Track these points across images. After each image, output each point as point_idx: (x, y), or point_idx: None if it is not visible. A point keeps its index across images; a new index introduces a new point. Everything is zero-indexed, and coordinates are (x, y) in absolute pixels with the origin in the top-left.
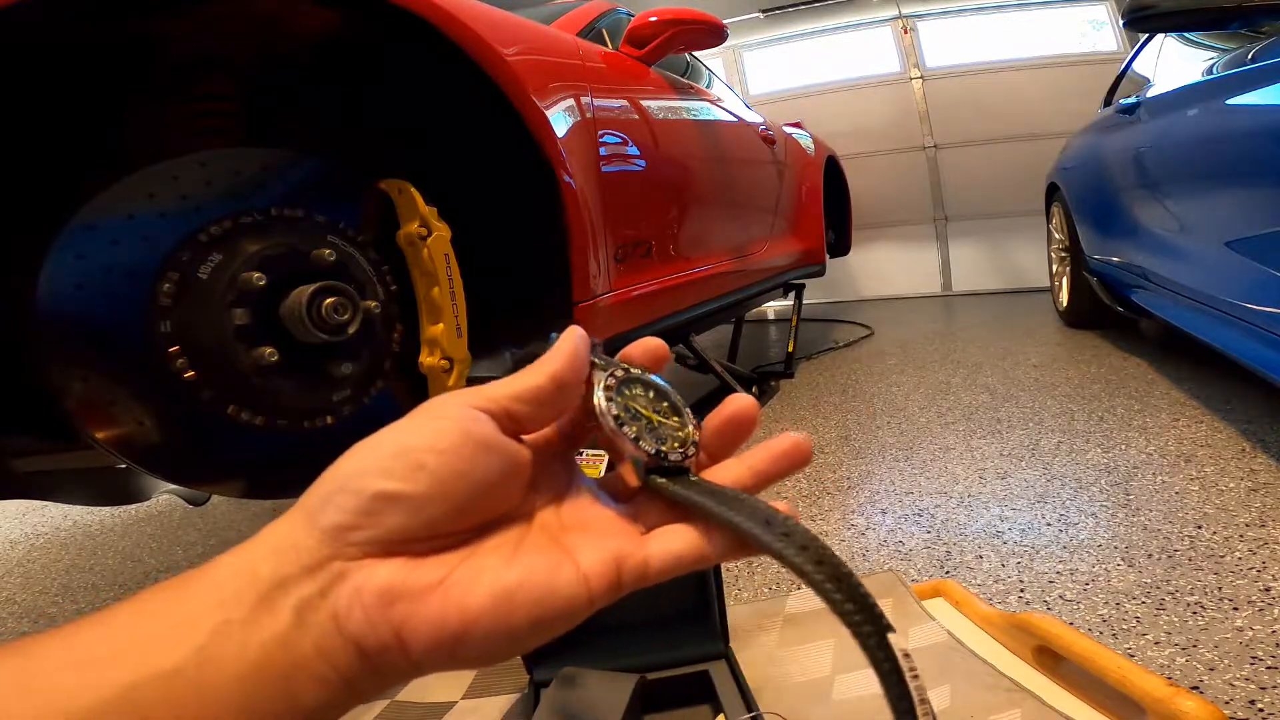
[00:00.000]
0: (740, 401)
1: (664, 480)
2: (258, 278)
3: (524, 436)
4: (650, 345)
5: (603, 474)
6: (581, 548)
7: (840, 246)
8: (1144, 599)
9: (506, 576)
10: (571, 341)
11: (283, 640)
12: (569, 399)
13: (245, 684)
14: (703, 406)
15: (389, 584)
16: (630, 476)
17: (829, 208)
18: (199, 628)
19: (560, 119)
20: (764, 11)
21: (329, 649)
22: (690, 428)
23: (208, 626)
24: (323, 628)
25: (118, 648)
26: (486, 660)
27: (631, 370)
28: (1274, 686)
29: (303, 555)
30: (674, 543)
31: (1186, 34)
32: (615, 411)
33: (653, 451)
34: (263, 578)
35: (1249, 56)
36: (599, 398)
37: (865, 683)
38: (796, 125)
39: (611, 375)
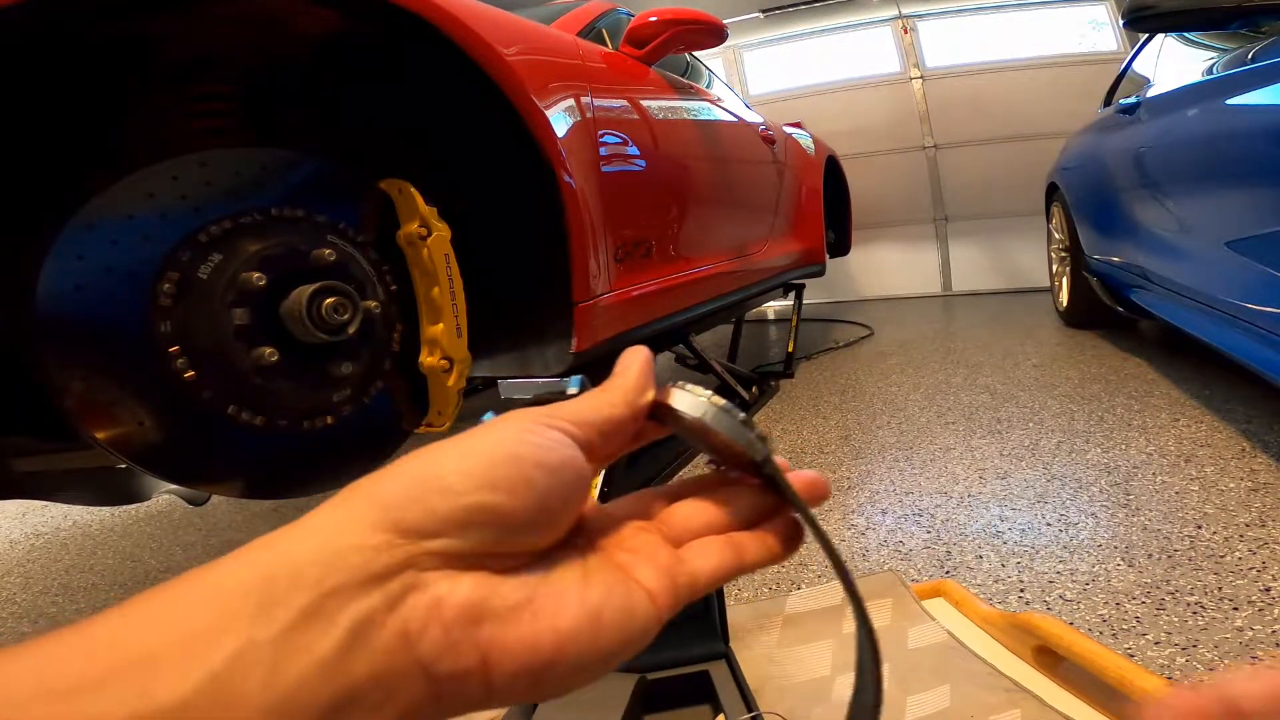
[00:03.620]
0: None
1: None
2: (258, 278)
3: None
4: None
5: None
6: (634, 566)
7: (840, 246)
8: (1144, 599)
9: (591, 596)
10: (645, 371)
11: (328, 665)
12: (635, 431)
13: None
14: None
15: (475, 600)
16: (747, 469)
17: (829, 208)
18: (215, 648)
19: (560, 119)
20: (764, 11)
21: (389, 674)
22: (751, 422)
23: (228, 647)
24: (386, 648)
25: (105, 671)
26: (566, 689)
27: (684, 384)
28: None
29: (367, 559)
30: (713, 557)
31: (1186, 34)
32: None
33: (765, 451)
34: (308, 584)
35: (1249, 56)
36: (696, 407)
37: None
38: (796, 125)
39: (678, 387)
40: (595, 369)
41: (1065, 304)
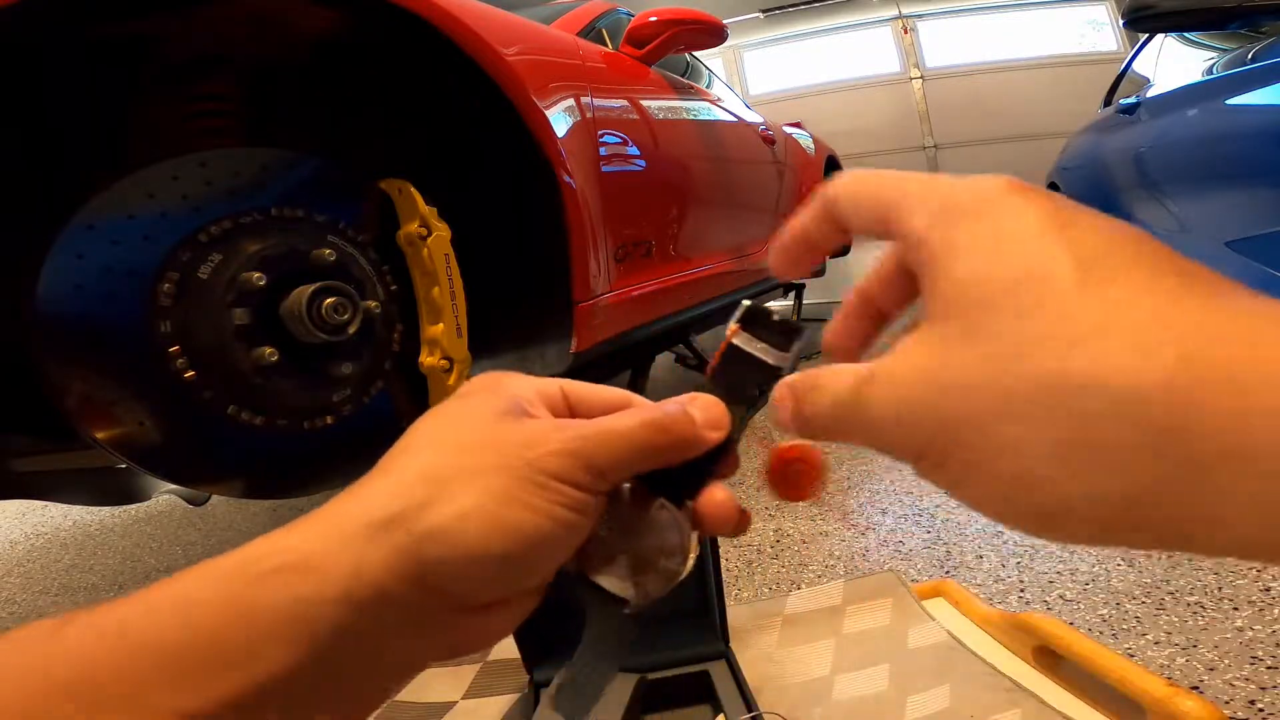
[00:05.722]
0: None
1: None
2: (258, 278)
3: None
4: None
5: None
6: None
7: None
8: (1144, 599)
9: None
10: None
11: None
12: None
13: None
14: None
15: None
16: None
17: None
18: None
19: (560, 119)
20: (764, 11)
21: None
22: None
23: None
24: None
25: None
26: None
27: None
28: (1274, 686)
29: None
30: None
31: (1186, 34)
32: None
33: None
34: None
35: (1249, 56)
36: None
37: (865, 683)
38: (796, 125)
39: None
40: (595, 369)
41: None
